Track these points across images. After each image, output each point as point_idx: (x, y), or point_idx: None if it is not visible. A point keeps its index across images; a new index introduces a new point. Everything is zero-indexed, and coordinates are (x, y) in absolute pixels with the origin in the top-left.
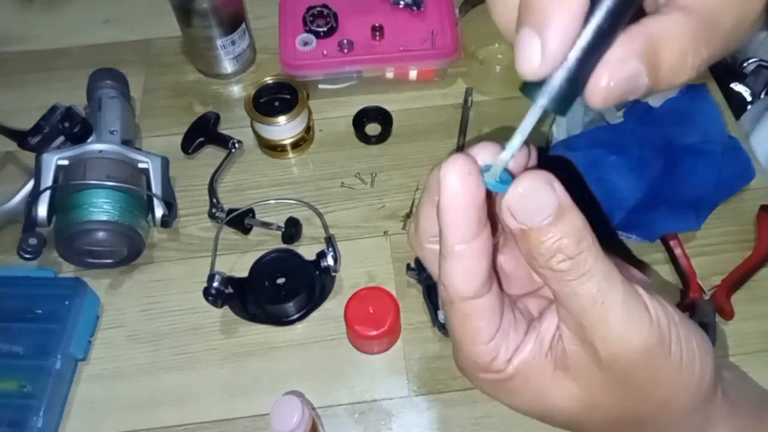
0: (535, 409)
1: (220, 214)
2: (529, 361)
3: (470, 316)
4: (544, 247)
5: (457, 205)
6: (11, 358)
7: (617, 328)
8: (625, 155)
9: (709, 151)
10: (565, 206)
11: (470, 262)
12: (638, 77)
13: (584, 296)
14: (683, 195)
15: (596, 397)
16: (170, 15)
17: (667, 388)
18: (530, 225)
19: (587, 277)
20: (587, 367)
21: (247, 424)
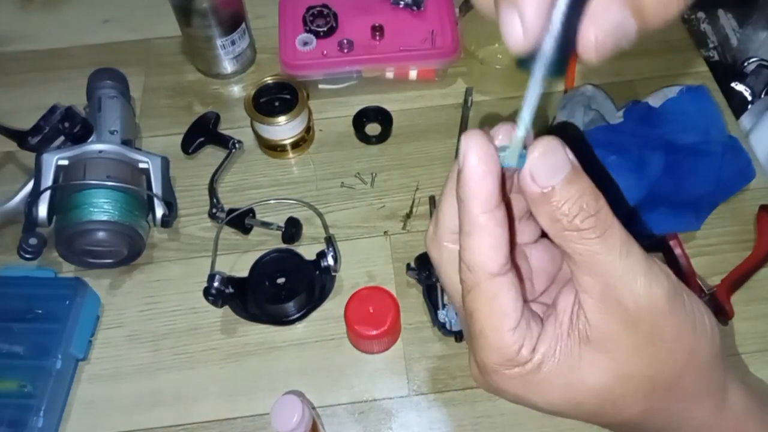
0: (566, 397)
1: (220, 214)
2: (554, 346)
3: (497, 297)
4: (567, 206)
5: (480, 171)
6: (11, 358)
7: (643, 280)
8: (625, 155)
9: (709, 151)
10: (578, 167)
11: (495, 233)
12: (625, 22)
13: (611, 250)
14: (683, 195)
15: (626, 364)
16: (170, 15)
17: (689, 338)
18: (552, 183)
19: (611, 231)
20: (614, 332)
21: (247, 424)
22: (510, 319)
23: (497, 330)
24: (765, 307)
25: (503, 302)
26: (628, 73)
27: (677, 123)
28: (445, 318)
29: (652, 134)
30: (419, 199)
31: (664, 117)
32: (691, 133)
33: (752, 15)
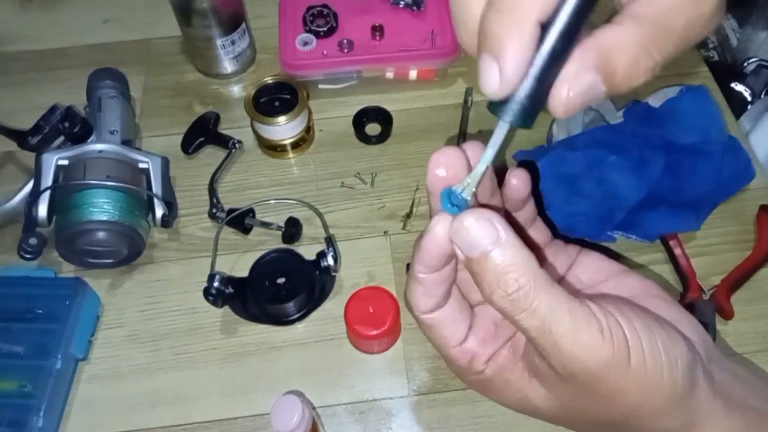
0: (520, 407)
1: (220, 214)
2: (505, 366)
3: (432, 327)
4: (486, 280)
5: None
6: (11, 358)
7: (568, 352)
8: (626, 155)
9: (709, 151)
10: (501, 239)
11: (428, 287)
12: (595, 86)
13: (530, 329)
14: (684, 195)
15: (567, 402)
16: (170, 15)
17: (636, 394)
18: (470, 256)
19: (528, 313)
20: (554, 378)
21: (247, 423)
22: (450, 339)
23: (444, 348)
24: (765, 307)
25: (439, 330)
26: None
27: (677, 123)
28: None
29: (652, 134)
30: (419, 199)
31: (664, 117)
32: (691, 132)
33: (752, 15)
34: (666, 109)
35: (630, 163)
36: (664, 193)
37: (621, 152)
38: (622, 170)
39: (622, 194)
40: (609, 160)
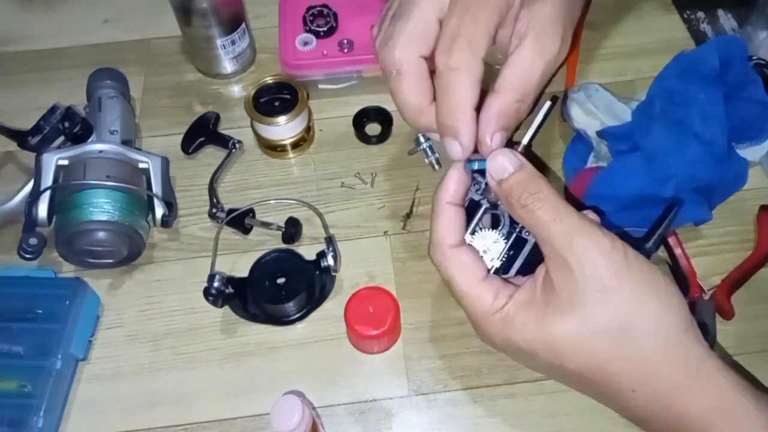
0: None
1: (220, 214)
2: (527, 299)
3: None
4: (513, 193)
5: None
6: (11, 358)
7: (577, 237)
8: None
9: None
10: (523, 164)
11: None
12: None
13: (547, 220)
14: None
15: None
16: (170, 15)
17: (636, 292)
18: (502, 176)
19: (546, 205)
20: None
21: (247, 424)
22: (476, 273)
23: (470, 284)
24: (765, 307)
25: (466, 263)
26: (628, 72)
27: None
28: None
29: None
30: (419, 199)
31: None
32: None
33: (752, 15)
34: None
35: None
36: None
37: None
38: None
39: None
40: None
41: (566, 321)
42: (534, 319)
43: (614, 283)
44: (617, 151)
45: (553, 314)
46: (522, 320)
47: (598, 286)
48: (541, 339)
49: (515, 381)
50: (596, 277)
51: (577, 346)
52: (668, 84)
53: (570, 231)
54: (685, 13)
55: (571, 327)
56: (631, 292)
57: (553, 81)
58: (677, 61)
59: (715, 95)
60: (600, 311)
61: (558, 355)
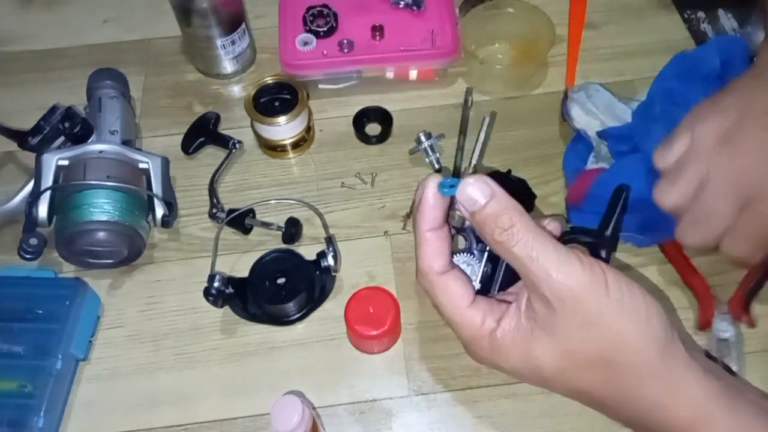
0: (525, 365)
1: (220, 214)
2: (514, 325)
3: (447, 287)
4: (487, 225)
5: (431, 202)
6: (11, 358)
7: (554, 275)
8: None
9: None
10: (495, 193)
11: (436, 244)
12: None
13: (523, 257)
14: None
15: (562, 342)
16: (170, 15)
17: (616, 323)
18: (473, 209)
19: (522, 244)
20: (548, 316)
21: (247, 424)
22: (463, 300)
23: (458, 309)
24: (765, 307)
25: (453, 290)
26: (628, 72)
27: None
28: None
29: None
30: None
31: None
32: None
33: (752, 15)
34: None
35: None
36: None
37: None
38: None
39: None
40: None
41: (549, 353)
42: (520, 348)
43: (595, 318)
44: (618, 152)
45: (537, 345)
46: (508, 348)
47: (579, 322)
48: (527, 367)
49: (515, 381)
50: (576, 314)
51: (562, 375)
52: (669, 84)
53: (546, 269)
54: (685, 13)
55: (554, 359)
56: (611, 325)
57: (553, 81)
58: (677, 61)
59: None
60: (582, 345)
61: (545, 381)
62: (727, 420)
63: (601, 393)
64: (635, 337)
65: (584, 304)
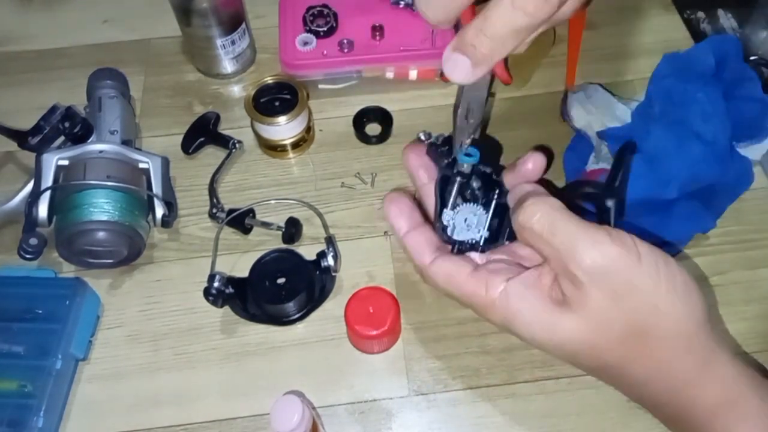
0: (547, 337)
1: (220, 214)
2: (529, 293)
3: (441, 268)
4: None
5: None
6: (11, 358)
7: (581, 248)
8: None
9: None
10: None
11: (415, 244)
12: None
13: (554, 242)
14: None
15: (594, 317)
16: (170, 15)
17: (652, 294)
18: None
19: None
20: (578, 294)
21: (247, 424)
22: (460, 273)
23: (460, 284)
24: (765, 307)
25: (447, 269)
26: (628, 73)
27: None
28: (449, 221)
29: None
30: (420, 199)
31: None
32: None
33: (752, 15)
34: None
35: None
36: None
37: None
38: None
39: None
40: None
41: (577, 329)
42: (540, 318)
43: (628, 289)
44: None
45: (566, 321)
46: (526, 315)
47: (611, 294)
48: (554, 342)
49: (515, 381)
50: (607, 286)
51: (591, 350)
52: (667, 84)
53: (571, 242)
54: (685, 13)
55: (584, 334)
56: (646, 296)
57: (553, 81)
58: (667, 62)
59: (714, 94)
60: (614, 319)
61: (572, 356)
62: (754, 403)
63: (631, 368)
64: (673, 309)
65: (616, 275)
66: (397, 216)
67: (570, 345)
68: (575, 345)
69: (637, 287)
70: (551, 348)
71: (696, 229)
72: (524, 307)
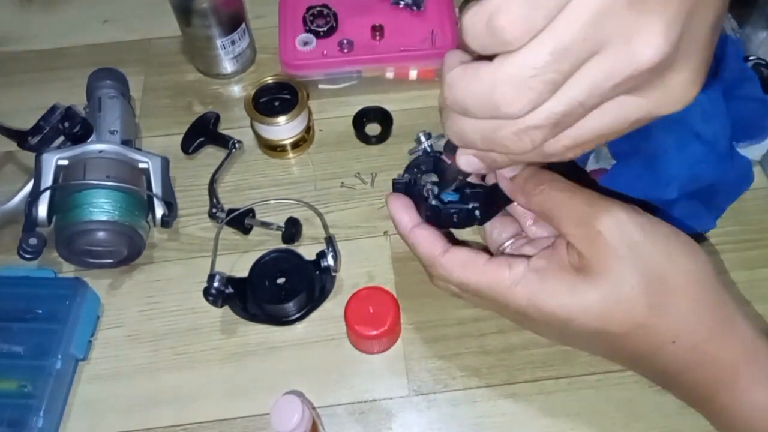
0: (575, 301)
1: (220, 214)
2: (551, 266)
3: (457, 258)
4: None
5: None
6: (11, 358)
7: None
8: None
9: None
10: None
11: (425, 239)
12: None
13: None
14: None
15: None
16: (170, 15)
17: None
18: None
19: (559, 184)
20: (596, 252)
21: (247, 424)
22: (475, 261)
23: (477, 273)
24: (765, 307)
25: (465, 258)
26: None
27: None
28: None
29: None
30: None
31: None
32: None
33: (752, 15)
34: None
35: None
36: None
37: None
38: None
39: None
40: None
41: (603, 284)
42: (567, 286)
43: (643, 237)
44: (618, 153)
45: (589, 281)
46: (552, 286)
47: (628, 241)
48: (575, 304)
49: (515, 381)
50: (625, 234)
51: (618, 306)
52: None
53: (590, 199)
54: None
55: (609, 288)
56: (662, 246)
57: None
58: None
59: (714, 93)
60: (635, 267)
61: (600, 319)
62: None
63: (659, 324)
64: (685, 261)
65: (632, 224)
66: (400, 211)
67: (597, 309)
68: (603, 307)
69: (651, 238)
70: (578, 320)
71: (696, 229)
72: (549, 278)
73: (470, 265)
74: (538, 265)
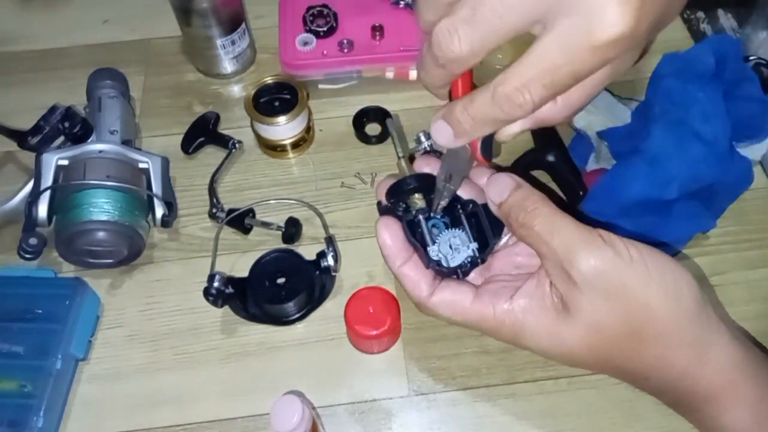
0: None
1: (220, 214)
2: (536, 306)
3: (443, 299)
4: (512, 213)
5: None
6: (11, 358)
7: (575, 249)
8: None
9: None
10: (519, 184)
11: (411, 276)
12: None
13: (544, 234)
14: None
15: (588, 318)
16: (170, 15)
17: (642, 294)
18: (500, 200)
19: (540, 220)
20: (573, 295)
21: (247, 424)
22: (464, 301)
23: (465, 311)
24: (765, 307)
25: (450, 298)
26: (628, 72)
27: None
28: (438, 254)
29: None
30: None
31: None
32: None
33: (752, 15)
34: None
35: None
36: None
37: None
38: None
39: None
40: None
41: (577, 330)
42: (546, 328)
43: (619, 290)
44: (618, 153)
45: (569, 327)
46: (533, 327)
47: (603, 295)
48: (554, 346)
49: (515, 381)
50: (600, 287)
51: (591, 353)
52: (667, 84)
53: (568, 244)
54: (685, 13)
55: (582, 337)
56: (637, 296)
57: None
58: (668, 62)
59: (714, 94)
60: (609, 319)
61: (575, 359)
62: (752, 388)
63: (632, 365)
64: (664, 307)
65: (607, 276)
66: (389, 247)
67: (577, 351)
68: (580, 350)
69: (628, 287)
70: (560, 357)
71: (696, 229)
72: (530, 320)
73: (456, 305)
74: (520, 305)
